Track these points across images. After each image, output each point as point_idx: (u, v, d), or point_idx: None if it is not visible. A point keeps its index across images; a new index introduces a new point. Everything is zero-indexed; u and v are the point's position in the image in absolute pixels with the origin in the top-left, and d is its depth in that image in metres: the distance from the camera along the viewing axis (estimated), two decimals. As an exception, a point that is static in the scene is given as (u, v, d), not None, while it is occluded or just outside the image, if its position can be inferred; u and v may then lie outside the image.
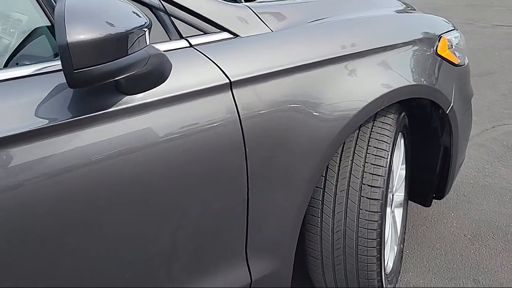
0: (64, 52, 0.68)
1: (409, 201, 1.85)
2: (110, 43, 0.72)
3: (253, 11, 1.15)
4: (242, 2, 1.27)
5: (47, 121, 0.80)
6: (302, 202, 1.22)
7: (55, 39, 0.83)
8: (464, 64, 1.71)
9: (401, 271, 1.68)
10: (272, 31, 1.17)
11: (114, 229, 0.92)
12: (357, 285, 1.39)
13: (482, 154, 2.48)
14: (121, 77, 0.77)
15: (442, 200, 2.05)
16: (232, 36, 1.08)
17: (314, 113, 1.16)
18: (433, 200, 1.85)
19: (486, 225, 1.92)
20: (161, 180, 0.95)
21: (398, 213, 1.71)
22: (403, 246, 1.75)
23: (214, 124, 0.99)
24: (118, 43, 0.74)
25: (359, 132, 1.34)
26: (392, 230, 1.62)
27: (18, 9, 0.97)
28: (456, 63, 1.62)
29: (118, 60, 0.74)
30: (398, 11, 1.66)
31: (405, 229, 1.79)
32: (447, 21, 1.78)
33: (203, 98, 0.98)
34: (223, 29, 1.08)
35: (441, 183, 1.77)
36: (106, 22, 0.73)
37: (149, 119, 0.92)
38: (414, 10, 1.90)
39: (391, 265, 1.59)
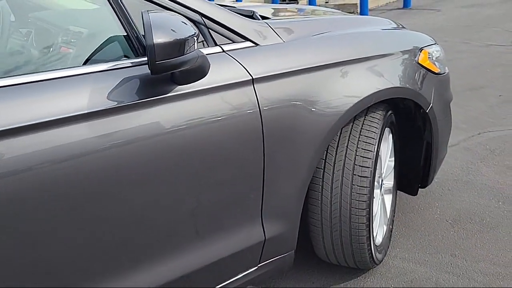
0: (151, 49, 1.01)
1: (398, 191, 2.16)
2: (175, 45, 1.06)
3: (270, 26, 1.49)
4: (260, 19, 1.61)
5: (116, 103, 1.13)
6: (305, 178, 1.53)
7: (129, 44, 1.17)
8: (444, 73, 2.04)
9: (389, 246, 1.97)
10: (284, 41, 1.50)
11: (168, 191, 1.23)
12: (351, 250, 1.70)
13: (467, 156, 2.79)
14: (181, 69, 1.11)
15: (428, 192, 2.37)
16: (253, 44, 1.42)
17: (316, 106, 1.48)
18: (419, 190, 2.16)
19: (465, 213, 2.22)
20: (200, 152, 1.27)
21: (388, 198, 2.02)
22: (392, 227, 2.05)
23: (240, 110, 1.32)
24: (181, 45, 1.07)
25: (353, 124, 1.66)
26: (382, 212, 1.93)
27: (100, 21, 1.30)
28: (436, 71, 1.95)
29: (180, 57, 1.07)
30: (387, 29, 2.00)
31: (394, 214, 2.09)
32: (430, 37, 2.11)
33: (233, 90, 1.31)
34: (247, 39, 1.41)
35: (424, 173, 2.08)
36: (171, 29, 1.07)
37: (193, 104, 1.25)
38: (404, 28, 2.23)
39: (380, 240, 1.89)
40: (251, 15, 1.58)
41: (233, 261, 1.46)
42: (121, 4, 1.20)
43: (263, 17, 1.66)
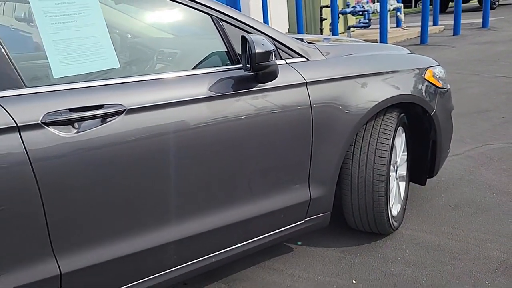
0: (253, 55, 1.65)
1: (410, 182, 2.72)
2: (265, 54, 1.69)
3: (317, 48, 2.13)
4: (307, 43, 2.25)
5: (210, 93, 1.75)
6: (340, 157, 2.12)
7: (232, 55, 1.81)
8: (445, 88, 2.63)
9: (403, 220, 2.52)
10: (325, 58, 2.14)
11: (252, 155, 1.84)
12: (373, 214, 2.26)
13: (470, 162, 3.33)
14: (265, 71, 1.74)
15: (436, 187, 2.93)
16: (306, 59, 2.05)
17: (347, 105, 2.09)
18: (428, 183, 2.72)
19: (465, 201, 2.75)
20: (271, 128, 1.88)
21: (402, 184, 2.58)
22: (405, 206, 2.60)
23: (298, 102, 1.94)
24: (268, 55, 1.70)
25: (375, 120, 2.25)
26: (397, 193, 2.49)
27: (211, 42, 1.94)
28: (439, 86, 2.55)
29: (267, 62, 1.71)
30: (401, 53, 2.63)
31: (407, 197, 2.64)
32: (435, 60, 2.72)
33: (293, 88, 1.93)
34: (301, 56, 2.05)
35: (431, 166, 2.65)
36: (262, 44, 1.70)
37: (268, 96, 1.87)
38: (414, 54, 2.85)
39: (396, 213, 2.45)
40: (302, 40, 2.23)
41: (289, 212, 2.04)
42: (224, 31, 1.85)
43: (309, 42, 2.30)
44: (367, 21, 10.28)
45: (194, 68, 1.85)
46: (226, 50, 1.87)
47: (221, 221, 1.84)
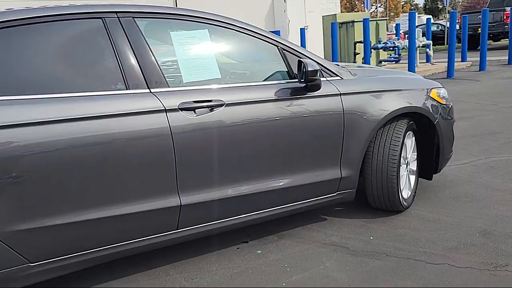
0: (307, 72, 2.54)
1: (420, 180, 3.50)
2: (314, 72, 2.58)
3: (348, 70, 3.02)
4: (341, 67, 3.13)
5: (276, 96, 2.64)
6: (363, 148, 2.95)
7: (290, 72, 2.71)
8: (447, 105, 3.44)
9: (412, 204, 3.30)
10: (354, 78, 3.01)
11: (302, 141, 2.71)
12: (387, 193, 3.06)
13: (474, 169, 4.07)
14: (313, 83, 2.62)
15: (442, 185, 3.69)
16: (340, 78, 2.93)
17: (369, 111, 2.94)
18: (437, 181, 3.49)
19: (464, 194, 3.50)
20: (315, 124, 2.75)
21: (412, 177, 3.36)
22: (414, 194, 3.37)
23: (334, 108, 2.80)
24: (316, 72, 2.59)
25: (390, 125, 3.08)
26: (407, 181, 3.28)
27: (271, 59, 2.85)
28: (442, 102, 3.36)
29: (315, 77, 2.60)
30: (412, 77, 3.48)
31: (416, 187, 3.41)
32: (439, 84, 3.54)
33: (331, 97, 2.80)
34: (337, 75, 2.93)
35: (435, 165, 3.44)
36: (312, 65, 2.60)
37: (314, 101, 2.74)
38: (426, 79, 3.68)
39: (406, 196, 3.23)
40: (338, 65, 3.11)
41: (326, 185, 2.88)
42: (286, 56, 2.76)
43: (343, 67, 3.19)
44: (397, 56, 11.13)
45: (265, 80, 2.76)
46: (287, 70, 2.77)
47: (281, 185, 2.69)
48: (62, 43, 2.27)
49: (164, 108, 2.30)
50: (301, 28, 12.15)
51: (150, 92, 2.32)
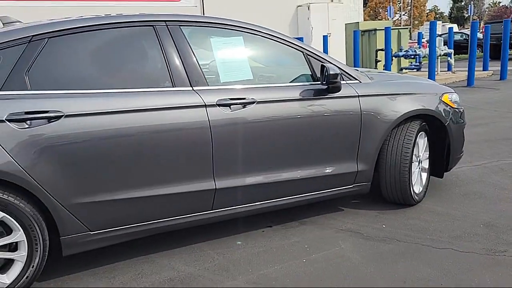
0: (329, 75, 2.88)
1: (432, 178, 3.78)
2: (335, 75, 2.91)
3: (366, 74, 3.35)
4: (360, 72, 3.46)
5: (301, 96, 2.99)
6: (378, 145, 3.27)
7: (314, 76, 3.06)
8: (458, 109, 3.72)
9: (424, 198, 3.59)
10: (371, 81, 3.33)
11: (322, 137, 3.05)
12: (400, 187, 3.36)
13: (484, 170, 4.33)
14: (334, 85, 2.96)
15: (454, 184, 3.96)
16: (359, 81, 3.26)
17: (384, 112, 3.25)
18: (448, 179, 3.77)
19: (473, 192, 3.77)
20: (335, 122, 3.08)
21: (424, 174, 3.65)
22: (426, 190, 3.66)
23: (353, 108, 3.13)
24: (337, 76, 2.93)
25: (403, 125, 3.39)
26: (419, 178, 3.57)
27: (297, 63, 3.19)
28: (453, 106, 3.65)
29: (336, 79, 2.93)
30: (426, 82, 3.78)
31: (428, 183, 3.69)
32: (452, 89, 3.82)
33: (350, 98, 3.13)
34: (356, 79, 3.25)
35: (446, 164, 3.72)
36: (333, 69, 2.94)
37: (335, 102, 3.08)
38: (440, 84, 3.97)
39: (417, 191, 3.52)
40: (357, 70, 3.44)
41: (343, 178, 3.20)
42: (310, 61, 3.10)
43: (361, 71, 3.51)
44: (418, 64, 11.34)
45: (291, 82, 3.11)
46: (311, 73, 3.11)
47: (303, 175, 3.03)
48: (121, 46, 2.67)
49: (204, 104, 2.67)
50: (324, 35, 12.48)
51: (193, 89, 2.69)
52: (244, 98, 2.79)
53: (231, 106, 2.75)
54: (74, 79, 2.50)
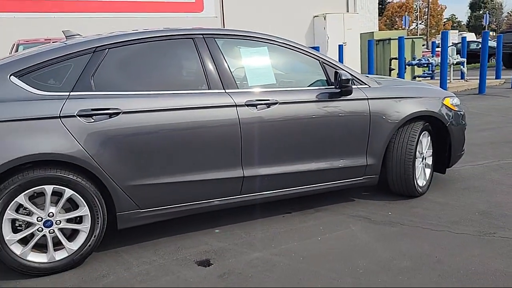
0: (342, 80, 3.35)
1: (435, 174, 4.20)
2: (347, 80, 3.38)
3: (374, 80, 3.81)
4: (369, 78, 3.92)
5: (317, 98, 3.46)
6: (385, 142, 3.72)
7: (329, 81, 3.54)
8: (459, 111, 4.15)
9: (427, 191, 4.01)
10: (379, 86, 3.79)
11: (335, 135, 3.51)
12: (404, 180, 3.79)
13: (485, 169, 4.72)
14: (345, 89, 3.43)
15: (456, 180, 4.38)
16: (368, 86, 3.72)
17: (390, 113, 3.70)
18: (451, 177, 4.19)
19: (473, 187, 4.17)
20: (347, 121, 3.55)
21: (427, 170, 4.08)
22: (429, 184, 4.08)
23: (363, 110, 3.59)
24: (349, 81, 3.40)
25: (408, 126, 3.82)
26: (423, 172, 4.00)
27: (314, 70, 3.66)
28: (453, 109, 4.08)
29: (347, 84, 3.40)
30: (429, 87, 4.22)
31: (431, 179, 4.11)
32: (453, 94, 4.25)
33: (360, 101, 3.60)
34: (365, 84, 3.71)
35: (448, 161, 4.14)
36: (347, 75, 3.40)
37: (347, 104, 3.54)
38: (443, 89, 4.40)
39: (421, 184, 3.95)
40: (367, 76, 3.90)
41: (354, 170, 3.66)
42: (325, 68, 3.58)
43: (371, 77, 3.97)
44: (430, 72, 11.71)
45: (308, 86, 3.59)
46: (326, 78, 3.59)
47: (319, 167, 3.49)
48: (167, 55, 3.19)
49: (234, 104, 3.16)
50: (339, 45, 12.95)
51: (225, 92, 3.19)
52: (268, 100, 3.27)
53: (257, 106, 3.23)
54: (129, 82, 3.02)
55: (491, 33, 47.04)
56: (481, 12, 67.19)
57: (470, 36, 34.01)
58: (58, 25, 11.99)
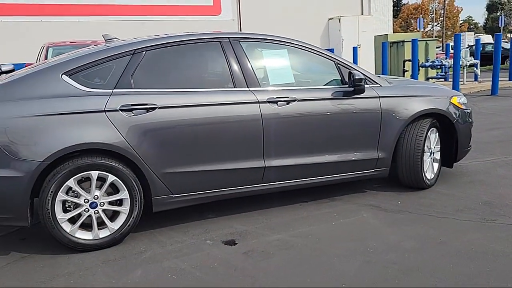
0: (355, 80, 3.67)
1: (441, 167, 4.48)
2: (360, 79, 3.70)
3: (385, 79, 4.12)
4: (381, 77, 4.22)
5: (332, 96, 3.78)
6: (395, 137, 4.02)
7: (343, 80, 3.86)
8: (466, 109, 4.42)
9: (435, 183, 4.29)
10: (390, 85, 4.09)
11: (348, 131, 3.82)
12: (413, 173, 4.08)
13: (492, 165, 4.98)
14: (358, 88, 3.74)
15: (463, 175, 4.65)
16: (379, 85, 4.02)
17: (400, 111, 4.00)
18: (458, 171, 4.46)
19: (479, 181, 4.44)
20: (360, 118, 3.86)
21: (435, 164, 4.36)
22: (437, 177, 4.36)
23: (374, 107, 3.90)
24: (361, 80, 3.71)
25: (416, 122, 4.11)
26: (431, 166, 4.28)
27: (329, 70, 3.98)
28: (460, 107, 4.36)
29: (360, 83, 3.72)
30: (438, 87, 4.51)
31: (439, 173, 4.39)
32: (461, 93, 4.52)
33: (372, 99, 3.90)
34: (377, 83, 4.02)
35: (455, 156, 4.42)
36: (360, 75, 3.71)
37: (360, 101, 3.85)
38: (450, 89, 4.68)
39: (429, 177, 4.23)
40: (379, 76, 4.21)
41: (366, 163, 3.96)
42: (340, 69, 3.90)
43: (383, 77, 4.27)
44: (444, 73, 11.92)
45: (324, 85, 3.91)
46: (340, 78, 3.90)
47: (334, 159, 3.81)
48: (196, 56, 3.55)
49: (257, 101, 3.50)
50: (353, 47, 13.21)
51: (249, 90, 3.52)
52: (287, 97, 3.60)
53: (278, 103, 3.56)
54: (164, 81, 3.39)
55: (508, 35, 46.66)
56: (498, 13, 66.58)
57: (487, 38, 33.85)
58: (82, 28, 12.55)
